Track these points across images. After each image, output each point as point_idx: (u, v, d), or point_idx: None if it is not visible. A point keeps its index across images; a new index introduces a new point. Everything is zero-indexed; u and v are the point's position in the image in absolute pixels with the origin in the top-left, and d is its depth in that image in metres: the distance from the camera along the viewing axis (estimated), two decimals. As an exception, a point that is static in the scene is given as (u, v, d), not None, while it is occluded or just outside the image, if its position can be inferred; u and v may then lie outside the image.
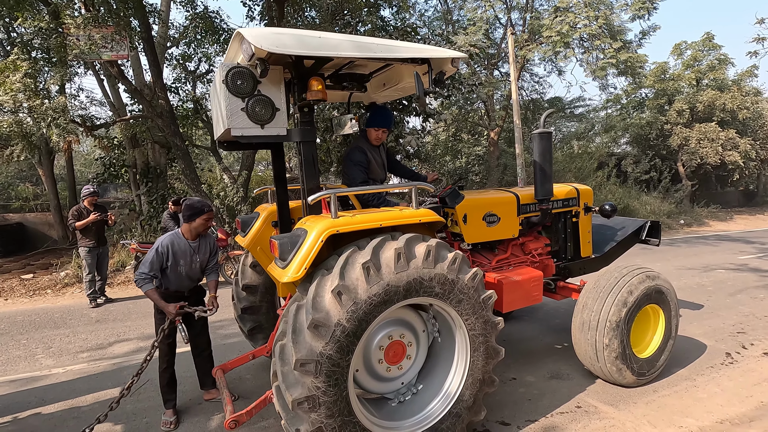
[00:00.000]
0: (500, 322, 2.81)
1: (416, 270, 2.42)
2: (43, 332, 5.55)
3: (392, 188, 3.19)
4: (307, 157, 2.78)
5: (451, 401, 2.74)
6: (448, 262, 2.56)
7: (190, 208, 3.17)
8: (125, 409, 3.50)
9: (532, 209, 4.00)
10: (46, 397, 3.78)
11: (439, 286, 2.52)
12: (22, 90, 7.32)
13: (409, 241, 2.50)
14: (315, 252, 2.35)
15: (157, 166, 12.48)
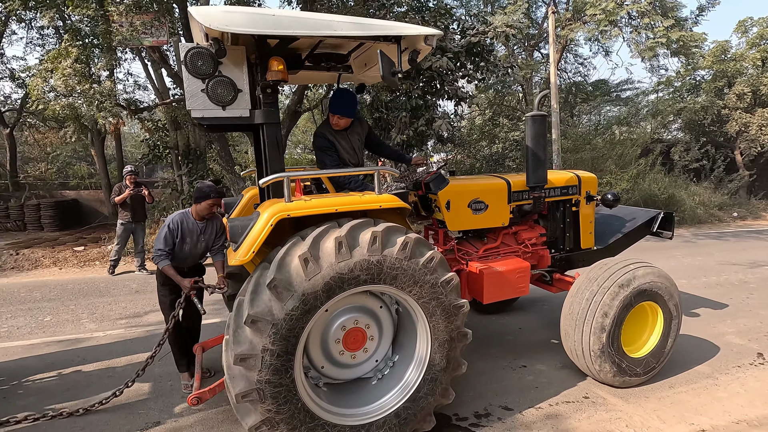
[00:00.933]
0: (464, 305, 2.70)
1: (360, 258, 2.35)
2: (89, 299, 6.05)
3: (348, 172, 3.10)
4: (270, 139, 2.73)
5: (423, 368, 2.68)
6: (423, 259, 2.50)
7: (199, 190, 3.32)
8: (153, 372, 3.80)
9: (524, 197, 3.83)
10: (87, 357, 4.17)
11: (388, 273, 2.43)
12: (73, 75, 7.82)
13: (388, 229, 2.46)
14: (263, 236, 2.34)
15: (197, 148, 13.03)
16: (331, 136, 3.33)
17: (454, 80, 11.67)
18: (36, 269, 7.99)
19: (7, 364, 4.01)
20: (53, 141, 19.11)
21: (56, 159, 20.15)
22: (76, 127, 9.36)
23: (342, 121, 3.32)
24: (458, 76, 11.67)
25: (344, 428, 2.53)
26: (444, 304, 2.60)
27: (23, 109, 16.70)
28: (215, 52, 2.45)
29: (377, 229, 2.42)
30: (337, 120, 3.31)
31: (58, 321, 5.20)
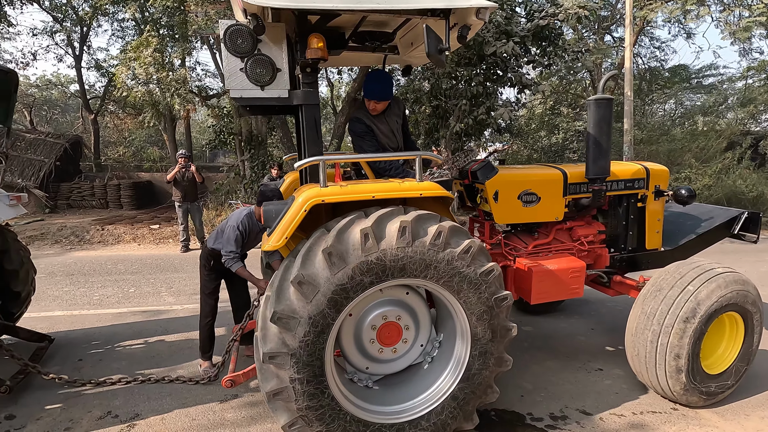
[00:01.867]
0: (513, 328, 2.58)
1: (420, 249, 2.26)
2: (166, 274, 6.49)
3: (387, 157, 2.88)
4: (309, 121, 2.60)
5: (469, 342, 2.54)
6: (460, 250, 2.34)
7: (262, 194, 3.19)
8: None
9: (582, 189, 3.50)
10: (168, 327, 4.46)
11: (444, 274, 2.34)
12: (152, 63, 8.34)
13: (420, 218, 2.32)
14: (297, 221, 2.26)
15: (259, 135, 13.52)
16: (369, 121, 3.07)
17: (519, 66, 11.15)
18: (118, 244, 8.69)
19: (101, 330, 4.39)
20: (130, 126, 20.63)
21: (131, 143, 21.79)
22: (153, 112, 9.99)
23: (379, 105, 3.05)
24: (523, 62, 11.12)
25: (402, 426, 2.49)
26: (484, 297, 2.45)
27: (106, 96, 18.16)
28: (254, 28, 2.35)
29: (406, 219, 2.27)
30: (374, 105, 3.05)
31: (141, 293, 5.61)
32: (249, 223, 3.35)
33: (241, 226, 3.31)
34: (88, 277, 6.27)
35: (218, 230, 3.50)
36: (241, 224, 3.31)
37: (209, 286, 3.56)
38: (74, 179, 13.32)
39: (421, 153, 2.58)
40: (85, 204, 12.77)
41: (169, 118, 14.19)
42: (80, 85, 17.06)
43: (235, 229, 3.28)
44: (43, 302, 5.10)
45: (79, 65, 16.93)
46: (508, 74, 10.86)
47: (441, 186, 2.59)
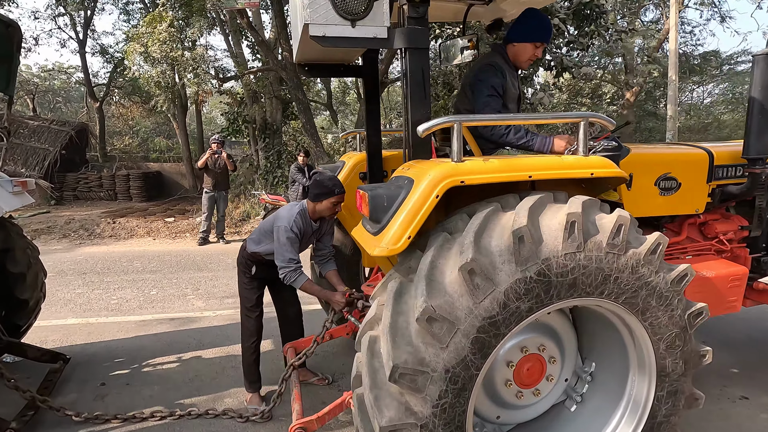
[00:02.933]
0: (707, 353, 1.86)
1: (596, 255, 1.55)
2: (188, 273, 5.78)
3: (544, 119, 2.34)
4: (415, 72, 1.88)
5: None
6: (645, 250, 1.63)
7: (319, 185, 2.54)
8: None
9: (731, 173, 2.79)
10: (203, 339, 3.75)
11: (627, 288, 1.62)
12: (167, 39, 7.56)
13: (586, 207, 1.61)
14: (426, 212, 1.57)
15: (274, 123, 12.77)
16: (507, 75, 2.41)
17: (558, 47, 10.32)
18: (132, 238, 7.99)
19: (125, 343, 3.68)
20: (136, 115, 19.87)
21: (137, 133, 21.05)
22: (167, 96, 9.23)
23: (534, 53, 2.48)
24: (561, 42, 10.29)
25: None
26: (677, 316, 1.74)
27: (111, 84, 17.38)
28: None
29: (573, 210, 1.55)
30: (528, 51, 2.44)
31: (165, 296, 4.90)
32: (303, 222, 2.61)
33: (294, 227, 2.54)
34: (103, 277, 5.57)
35: (260, 231, 2.76)
36: (294, 224, 2.55)
37: (251, 297, 2.82)
38: (80, 169, 12.62)
39: (589, 114, 1.83)
40: (92, 195, 12.08)
41: (180, 105, 13.42)
42: (84, 71, 16.29)
43: (289, 230, 2.51)
44: (53, 307, 4.40)
45: (83, 50, 16.14)
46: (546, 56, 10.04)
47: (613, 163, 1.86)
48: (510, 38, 2.55)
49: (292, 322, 2.98)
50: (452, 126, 1.63)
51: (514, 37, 2.52)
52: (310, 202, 2.62)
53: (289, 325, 2.99)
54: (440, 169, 1.61)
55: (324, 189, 2.56)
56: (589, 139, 2.82)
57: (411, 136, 1.96)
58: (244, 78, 11.38)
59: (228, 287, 5.21)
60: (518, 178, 1.65)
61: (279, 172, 12.06)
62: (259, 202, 9.02)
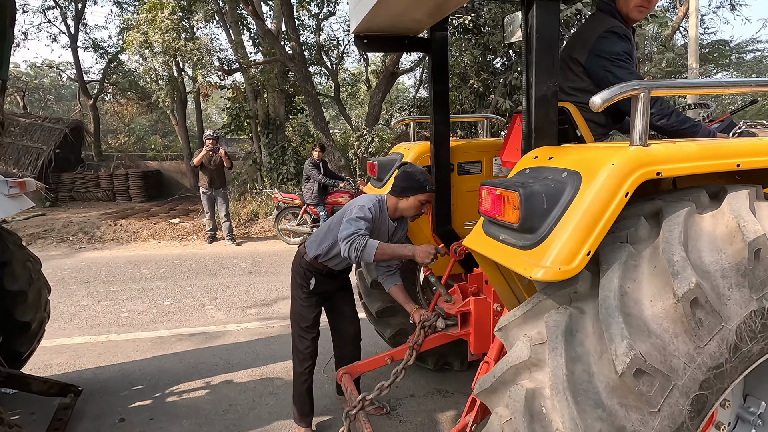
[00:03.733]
0: None
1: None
2: (202, 280, 5.30)
3: (740, 87, 1.66)
4: (543, 31, 1.43)
5: None
6: None
7: (409, 178, 2.12)
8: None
9: None
10: (231, 360, 3.29)
11: None
12: (170, 28, 7.03)
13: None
14: (612, 216, 1.11)
15: (277, 118, 12.24)
16: (630, 34, 1.98)
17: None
18: (135, 241, 7.48)
19: (142, 365, 3.21)
20: (132, 112, 19.22)
21: (133, 131, 20.39)
22: (169, 89, 8.68)
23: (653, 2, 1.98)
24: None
25: None
26: None
27: (105, 80, 16.73)
28: None
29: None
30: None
31: (180, 307, 4.43)
32: (379, 211, 2.15)
33: (371, 210, 2.10)
34: (109, 286, 5.07)
35: (323, 232, 2.30)
36: (372, 207, 2.11)
37: (308, 316, 2.34)
38: (76, 169, 12.03)
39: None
40: (89, 196, 11.51)
41: (179, 100, 12.85)
42: (77, 67, 15.63)
43: (365, 209, 2.08)
44: (56, 323, 3.91)
45: (75, 45, 15.48)
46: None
47: None
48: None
49: (350, 342, 2.52)
50: (638, 95, 1.17)
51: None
52: (393, 196, 2.17)
53: (345, 346, 2.53)
54: (625, 156, 1.14)
55: (415, 183, 2.11)
56: (706, 121, 2.39)
57: (536, 116, 1.51)
58: (247, 72, 10.84)
59: (248, 295, 4.74)
60: (726, 168, 1.20)
61: (284, 169, 11.56)
62: (269, 200, 8.54)
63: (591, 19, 2.20)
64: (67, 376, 3.02)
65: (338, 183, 6.94)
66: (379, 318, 2.88)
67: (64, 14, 15.26)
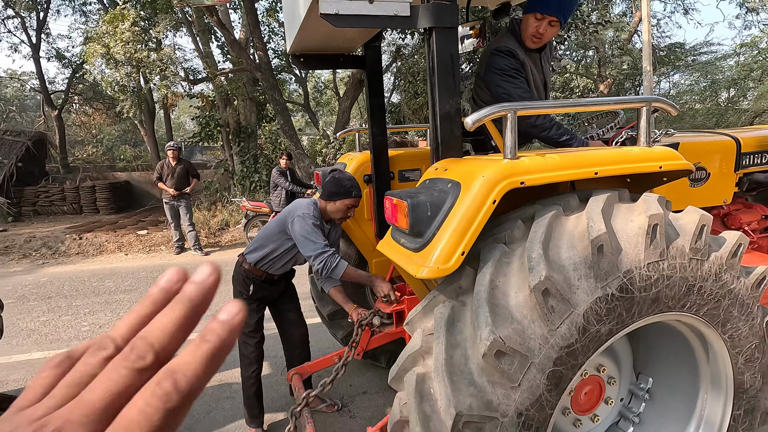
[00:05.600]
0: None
1: (679, 262, 1.34)
2: (168, 291, 5.33)
3: (603, 105, 1.92)
4: (443, 56, 1.63)
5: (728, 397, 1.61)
6: (726, 253, 1.43)
7: (337, 183, 2.27)
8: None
9: (758, 161, 2.69)
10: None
11: (710, 298, 1.41)
12: (131, 39, 7.02)
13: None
14: (481, 222, 1.30)
15: (248, 126, 12.25)
16: (522, 54, 2.17)
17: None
18: (101, 255, 7.40)
19: (100, 378, 3.25)
20: (99, 123, 18.83)
21: (101, 142, 19.97)
22: (133, 101, 8.63)
23: (552, 31, 2.12)
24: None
25: None
26: (756, 324, 1.54)
27: (70, 90, 16.38)
28: None
29: (654, 212, 1.32)
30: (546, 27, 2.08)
31: (143, 318, 4.45)
32: (317, 214, 2.29)
33: (315, 219, 2.23)
34: (71, 300, 5.04)
35: (262, 235, 2.43)
36: (314, 218, 2.23)
37: (249, 322, 2.43)
38: (40, 182, 11.75)
39: (653, 98, 1.59)
40: (54, 210, 11.25)
41: (147, 110, 12.71)
42: (40, 77, 15.25)
43: (310, 216, 2.21)
44: (14, 339, 3.90)
45: (37, 55, 15.12)
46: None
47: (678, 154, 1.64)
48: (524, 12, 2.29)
49: (298, 345, 2.65)
50: (506, 116, 1.35)
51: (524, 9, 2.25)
52: (323, 200, 2.31)
53: (294, 349, 2.65)
54: (495, 168, 1.33)
55: (341, 188, 2.26)
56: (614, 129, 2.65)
57: (441, 132, 1.68)
58: (216, 80, 10.84)
59: (214, 304, 4.76)
60: (584, 176, 1.40)
61: (256, 177, 11.58)
62: (239, 209, 8.56)
63: (495, 38, 2.40)
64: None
65: (306, 190, 7.05)
66: (332, 320, 3.02)
67: (24, 24, 14.89)
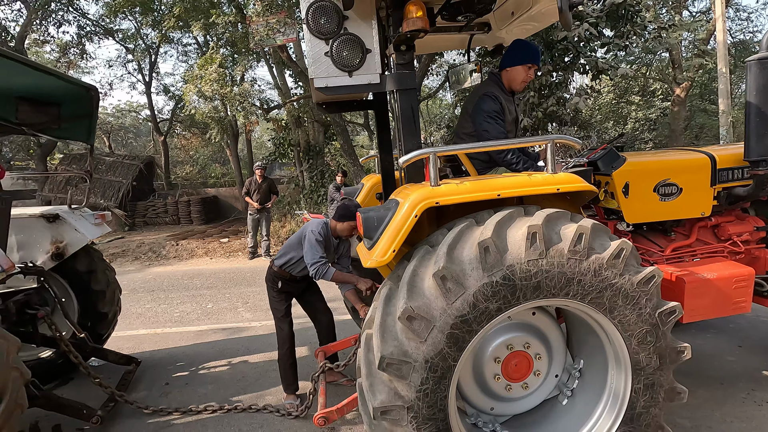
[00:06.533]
0: (685, 350, 1.99)
1: (558, 260, 1.78)
2: (240, 288, 6.39)
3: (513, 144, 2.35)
4: (405, 109, 2.26)
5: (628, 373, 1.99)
6: (608, 255, 1.82)
7: (345, 208, 2.93)
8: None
9: (737, 176, 2.84)
10: (250, 347, 4.23)
11: (591, 289, 1.83)
12: (217, 80, 8.44)
13: (551, 219, 1.85)
14: (407, 230, 1.87)
15: (316, 145, 13.54)
16: (504, 99, 2.75)
17: (592, 50, 10.21)
18: (192, 258, 8.86)
19: (185, 350, 4.25)
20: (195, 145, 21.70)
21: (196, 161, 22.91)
22: (219, 128, 10.19)
23: (527, 75, 2.75)
24: (596, 45, 10.17)
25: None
26: (646, 314, 1.90)
27: (173, 118, 19.19)
28: (342, 4, 2.08)
29: (534, 222, 1.79)
30: (522, 74, 2.73)
31: (219, 309, 5.50)
32: (326, 232, 3.00)
33: (321, 233, 2.95)
34: (168, 293, 6.31)
35: (286, 246, 3.18)
36: (321, 231, 2.96)
37: (280, 308, 3.22)
38: (149, 198, 14.04)
39: (555, 136, 2.06)
40: (159, 221, 13.39)
41: (232, 134, 14.60)
42: (150, 109, 18.16)
43: (317, 233, 2.93)
44: (127, 320, 5.11)
45: (149, 90, 18.03)
46: (579, 60, 9.97)
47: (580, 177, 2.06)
48: (503, 65, 2.83)
49: (325, 328, 3.37)
50: (429, 156, 1.94)
51: (508, 63, 2.80)
52: (333, 220, 3.02)
53: (322, 331, 3.38)
54: (419, 192, 1.92)
55: (346, 212, 2.96)
56: (587, 150, 3.04)
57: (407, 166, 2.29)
58: (288, 105, 12.24)
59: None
60: (487, 197, 1.92)
61: (322, 191, 12.74)
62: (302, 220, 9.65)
63: (482, 83, 2.94)
64: (132, 355, 4.11)
65: (358, 203, 7.87)
66: (354, 314, 3.69)
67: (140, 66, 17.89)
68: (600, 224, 1.92)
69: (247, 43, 8.63)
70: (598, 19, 9.34)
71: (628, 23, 9.72)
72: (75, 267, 3.57)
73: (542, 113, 10.33)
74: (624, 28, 9.72)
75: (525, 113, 10.98)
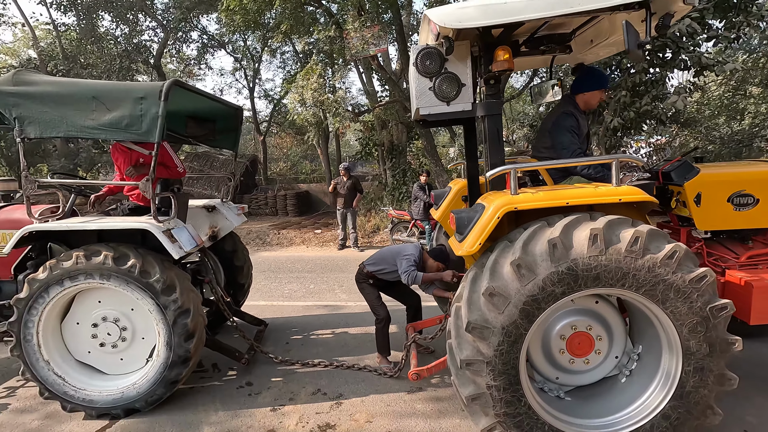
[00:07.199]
0: (736, 342, 2.27)
1: (615, 257, 2.19)
2: (334, 274, 7.32)
3: (582, 162, 2.79)
4: (491, 131, 2.76)
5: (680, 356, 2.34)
6: (662, 255, 2.20)
7: (442, 253, 3.66)
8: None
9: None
10: (348, 322, 5.04)
11: (645, 282, 2.22)
12: (317, 88, 9.51)
13: (612, 224, 2.25)
14: (490, 228, 2.37)
15: (399, 144, 14.30)
16: (580, 117, 3.19)
17: (696, 45, 9.58)
18: (291, 246, 10.10)
19: (297, 319, 5.19)
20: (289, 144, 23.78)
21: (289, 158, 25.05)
22: (316, 131, 11.36)
23: (597, 98, 3.23)
24: (701, 39, 9.53)
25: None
26: (696, 307, 2.23)
27: (272, 120, 21.27)
28: (445, 50, 2.59)
29: (596, 225, 2.23)
30: (592, 98, 3.22)
31: (320, 289, 6.44)
32: (420, 258, 3.70)
33: (416, 259, 3.65)
34: (276, 274, 7.44)
35: (380, 257, 3.87)
36: (415, 261, 3.64)
37: (373, 296, 3.91)
38: (252, 191, 15.92)
39: (619, 156, 2.46)
40: (261, 212, 15.15)
41: (323, 135, 15.95)
42: (253, 111, 20.35)
43: (414, 256, 3.67)
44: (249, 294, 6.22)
45: (252, 95, 20.22)
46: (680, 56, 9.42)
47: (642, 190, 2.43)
48: (579, 89, 3.24)
49: (413, 308, 4.05)
50: (510, 171, 2.47)
51: (584, 88, 3.21)
52: (429, 256, 3.71)
53: (410, 310, 4.06)
54: (502, 200, 2.45)
55: (441, 255, 3.68)
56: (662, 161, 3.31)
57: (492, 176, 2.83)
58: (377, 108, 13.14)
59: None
60: (557, 204, 2.39)
61: (404, 189, 13.48)
62: (387, 216, 10.43)
63: (558, 104, 3.35)
64: (258, 320, 5.14)
65: (440, 202, 8.42)
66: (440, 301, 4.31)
67: (245, 74, 20.14)
68: (658, 230, 2.30)
69: (344, 55, 9.57)
70: (704, 11, 8.79)
71: (740, 13, 9.00)
72: (223, 246, 4.63)
73: (635, 113, 9.95)
74: (736, 18, 9.02)
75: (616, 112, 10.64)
